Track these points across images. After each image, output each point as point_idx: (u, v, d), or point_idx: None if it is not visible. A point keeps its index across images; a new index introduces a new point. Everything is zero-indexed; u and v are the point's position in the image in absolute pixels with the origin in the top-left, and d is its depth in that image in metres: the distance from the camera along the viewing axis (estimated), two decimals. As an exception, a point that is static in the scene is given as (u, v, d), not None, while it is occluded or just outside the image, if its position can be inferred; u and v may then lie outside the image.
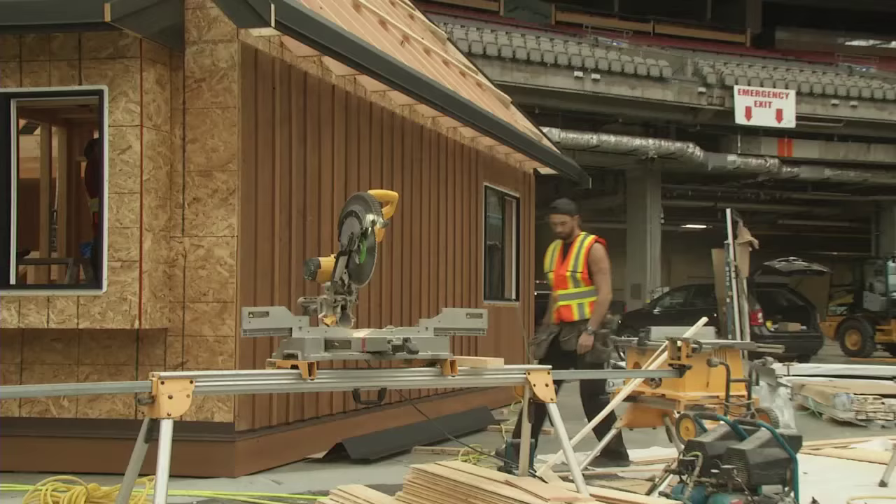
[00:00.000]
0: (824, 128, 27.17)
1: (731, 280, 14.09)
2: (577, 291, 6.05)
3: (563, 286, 6.04)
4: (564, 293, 6.05)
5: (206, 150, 5.80)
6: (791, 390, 9.18)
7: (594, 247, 6.02)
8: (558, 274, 6.06)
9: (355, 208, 3.90)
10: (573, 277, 6.02)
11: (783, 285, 19.12)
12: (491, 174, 10.28)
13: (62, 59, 5.66)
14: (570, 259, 6.02)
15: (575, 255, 6.02)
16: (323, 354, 3.59)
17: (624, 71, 24.95)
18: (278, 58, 6.26)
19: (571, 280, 6.03)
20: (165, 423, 3.21)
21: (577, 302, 6.04)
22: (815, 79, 27.68)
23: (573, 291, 6.03)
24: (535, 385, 4.06)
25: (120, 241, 5.57)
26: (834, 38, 33.33)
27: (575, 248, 6.05)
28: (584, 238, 6.09)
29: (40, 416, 5.87)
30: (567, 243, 6.11)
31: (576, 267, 5.99)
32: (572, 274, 6.01)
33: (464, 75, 10.69)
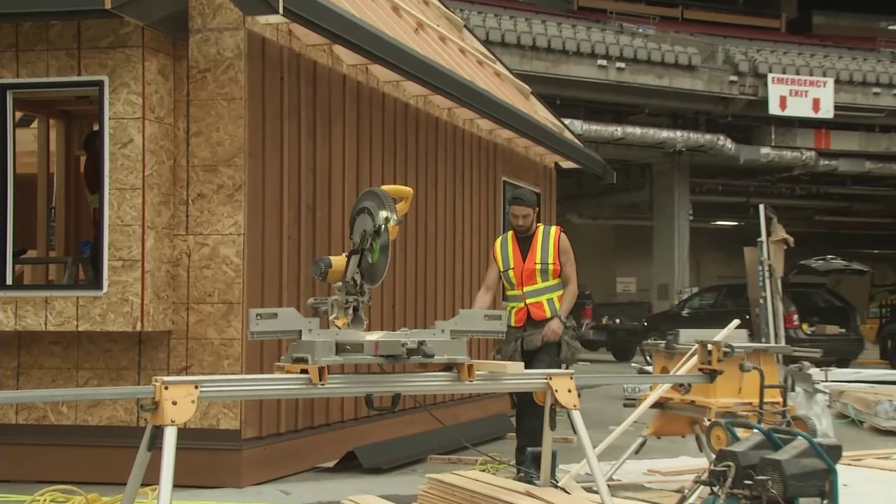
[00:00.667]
0: (865, 118, 26.97)
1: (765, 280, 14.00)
2: (546, 286, 5.83)
3: (530, 282, 5.81)
4: (532, 289, 5.80)
5: (210, 144, 5.82)
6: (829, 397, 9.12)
7: (562, 237, 5.90)
8: (525, 269, 5.81)
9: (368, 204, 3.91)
10: (544, 270, 5.80)
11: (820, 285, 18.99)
12: (510, 168, 10.26)
13: (60, 49, 5.70)
14: (535, 251, 5.83)
15: (541, 246, 5.84)
16: (334, 358, 3.60)
17: (650, 59, 24.86)
18: (286, 46, 6.27)
19: (541, 274, 5.80)
20: (169, 431, 3.23)
21: (547, 297, 5.81)
22: (855, 66, 27.46)
23: (542, 286, 5.82)
24: (558, 390, 4.05)
25: (121, 239, 5.60)
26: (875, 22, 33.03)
27: (539, 240, 5.84)
28: (547, 228, 5.91)
29: (38, 422, 5.91)
30: (523, 237, 5.91)
31: (546, 259, 5.80)
32: (543, 267, 5.79)
33: (481, 64, 10.68)
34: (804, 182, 30.06)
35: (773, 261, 13.87)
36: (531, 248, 5.86)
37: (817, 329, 17.27)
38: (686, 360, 5.47)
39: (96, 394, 4.53)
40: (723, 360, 4.84)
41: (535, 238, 5.88)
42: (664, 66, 25.01)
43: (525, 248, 5.88)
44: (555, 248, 5.84)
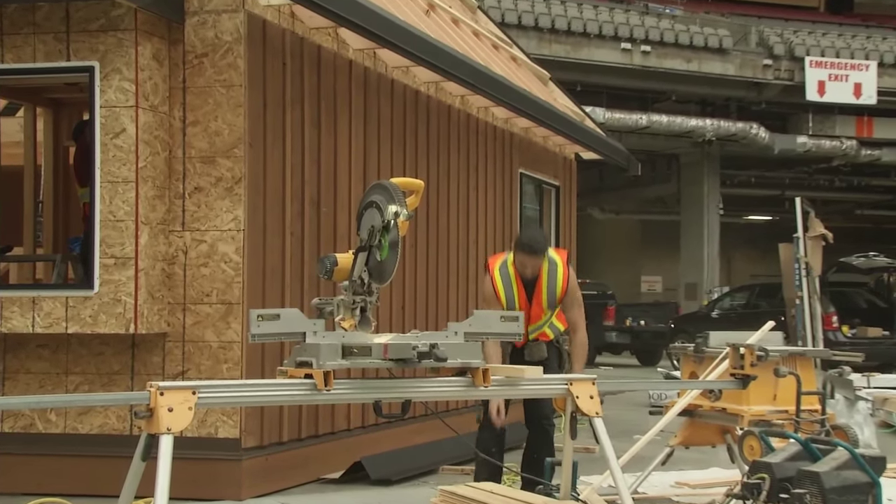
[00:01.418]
0: (910, 104, 26.81)
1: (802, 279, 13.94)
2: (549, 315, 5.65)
3: (536, 321, 5.57)
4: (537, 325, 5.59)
5: (208, 134, 5.84)
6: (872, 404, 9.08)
7: (571, 276, 5.55)
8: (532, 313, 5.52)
9: (376, 198, 3.91)
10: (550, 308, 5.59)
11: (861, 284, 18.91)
12: (527, 160, 10.25)
13: (48, 32, 5.73)
14: (541, 294, 5.52)
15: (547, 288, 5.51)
16: (340, 362, 3.61)
17: (678, 42, 24.78)
18: (289, 30, 6.28)
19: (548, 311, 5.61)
20: (165, 439, 3.25)
21: (549, 323, 5.65)
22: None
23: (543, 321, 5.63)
24: (579, 397, 4.05)
25: (113, 235, 5.62)
26: (922, 1, 32.82)
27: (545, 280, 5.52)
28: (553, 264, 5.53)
29: (24, 430, 5.95)
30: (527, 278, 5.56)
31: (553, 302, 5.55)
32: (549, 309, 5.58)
33: (497, 48, 10.67)
34: (844, 173, 29.91)
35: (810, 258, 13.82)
36: (537, 292, 5.52)
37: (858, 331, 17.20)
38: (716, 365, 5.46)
39: (87, 400, 4.55)
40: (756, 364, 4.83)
41: (539, 280, 5.51)
42: (693, 48, 24.93)
43: (530, 290, 5.52)
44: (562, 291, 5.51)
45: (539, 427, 5.60)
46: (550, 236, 11.22)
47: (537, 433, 5.62)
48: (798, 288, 13.65)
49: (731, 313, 19.57)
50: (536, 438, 5.63)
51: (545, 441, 5.57)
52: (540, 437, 5.60)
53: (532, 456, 5.60)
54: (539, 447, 5.57)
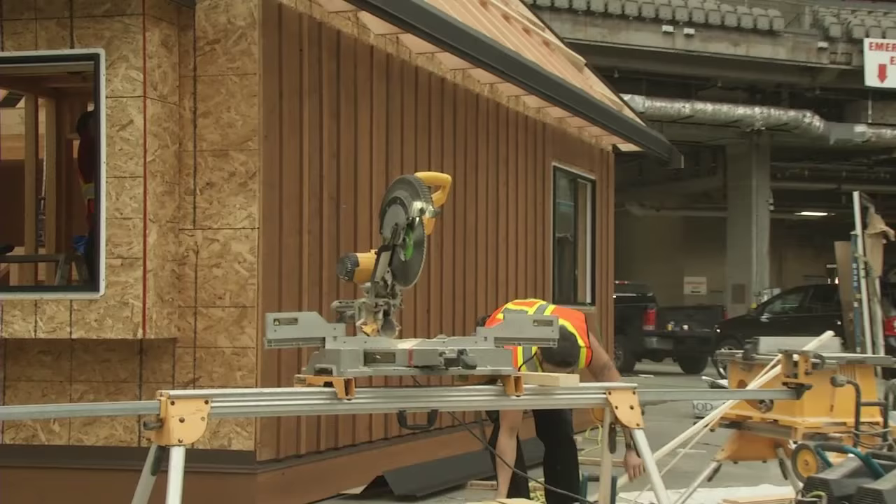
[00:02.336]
0: (980, 90, 26.50)
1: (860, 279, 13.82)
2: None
3: None
4: None
5: (221, 126, 5.88)
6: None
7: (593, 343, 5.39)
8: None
9: (400, 194, 3.92)
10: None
11: (925, 286, 18.71)
12: (561, 152, 10.24)
13: (50, 18, 5.79)
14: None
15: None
16: (362, 369, 3.62)
17: (724, 24, 24.64)
18: (306, 14, 6.31)
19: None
20: (176, 452, 3.26)
21: None
22: (969, 28, 27.00)
23: None
24: (618, 407, 4.04)
25: (120, 234, 5.67)
26: None
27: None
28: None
29: (26, 442, 6.01)
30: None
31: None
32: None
33: (528, 32, 10.67)
34: (906, 165, 29.63)
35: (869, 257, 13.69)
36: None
37: (922, 337, 17.02)
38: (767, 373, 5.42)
39: (93, 410, 4.58)
40: (811, 372, 4.79)
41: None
42: (741, 31, 24.77)
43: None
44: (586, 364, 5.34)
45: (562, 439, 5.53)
46: (586, 234, 11.20)
47: (560, 445, 5.55)
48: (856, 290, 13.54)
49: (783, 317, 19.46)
50: (558, 450, 5.55)
51: (569, 452, 5.50)
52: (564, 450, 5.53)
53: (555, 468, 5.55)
54: (563, 459, 5.53)
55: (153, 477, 3.38)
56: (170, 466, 3.26)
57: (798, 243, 34.02)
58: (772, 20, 25.14)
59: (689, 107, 24.57)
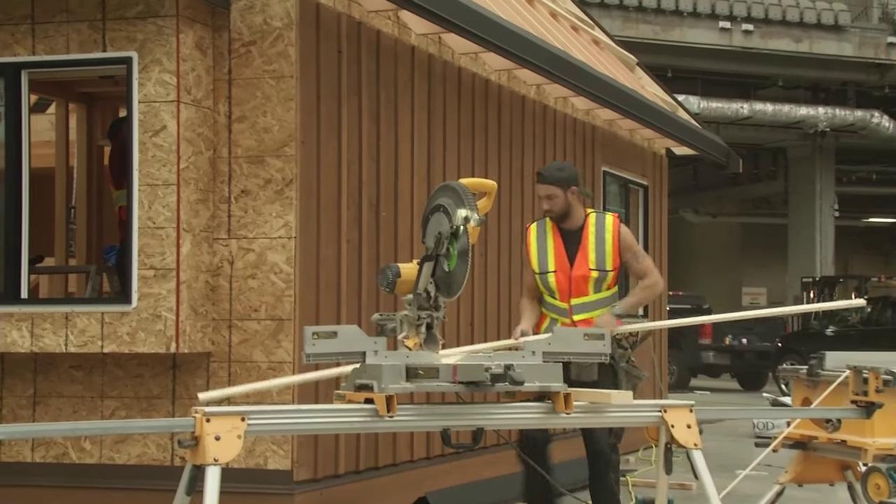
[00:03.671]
0: None
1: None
2: (601, 298, 5.34)
3: (579, 293, 5.33)
4: (582, 303, 5.35)
5: (256, 131, 5.93)
6: None
7: (623, 230, 5.36)
8: (574, 275, 5.29)
9: (443, 202, 3.93)
10: (600, 279, 5.30)
11: None
12: (611, 156, 10.19)
13: (82, 20, 5.87)
14: (587, 251, 5.30)
15: (595, 244, 5.32)
16: (404, 385, 3.63)
17: (786, 19, 24.43)
18: (345, 13, 6.35)
19: (594, 284, 5.33)
20: (212, 471, 3.30)
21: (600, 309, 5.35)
22: None
23: (595, 299, 5.33)
24: (675, 426, 4.02)
25: (152, 244, 5.74)
26: None
27: (592, 235, 5.33)
28: (601, 218, 5.38)
29: (57, 460, 6.09)
30: (568, 230, 5.38)
31: (603, 263, 5.28)
32: (600, 274, 5.30)
33: (576, 30, 10.65)
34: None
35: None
36: (582, 247, 5.33)
37: None
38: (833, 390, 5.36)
39: (126, 427, 4.63)
40: (883, 390, 4.73)
41: (585, 232, 5.38)
42: (803, 26, 24.54)
43: (573, 246, 5.35)
44: (614, 247, 5.34)
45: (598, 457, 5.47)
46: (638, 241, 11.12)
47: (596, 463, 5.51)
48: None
49: (850, 331, 19.20)
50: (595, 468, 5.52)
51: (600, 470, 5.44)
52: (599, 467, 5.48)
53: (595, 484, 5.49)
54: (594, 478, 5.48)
55: (188, 497, 3.41)
56: (205, 486, 3.29)
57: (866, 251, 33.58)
58: (837, 14, 24.88)
59: (748, 107, 24.37)
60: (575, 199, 5.45)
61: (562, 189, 5.44)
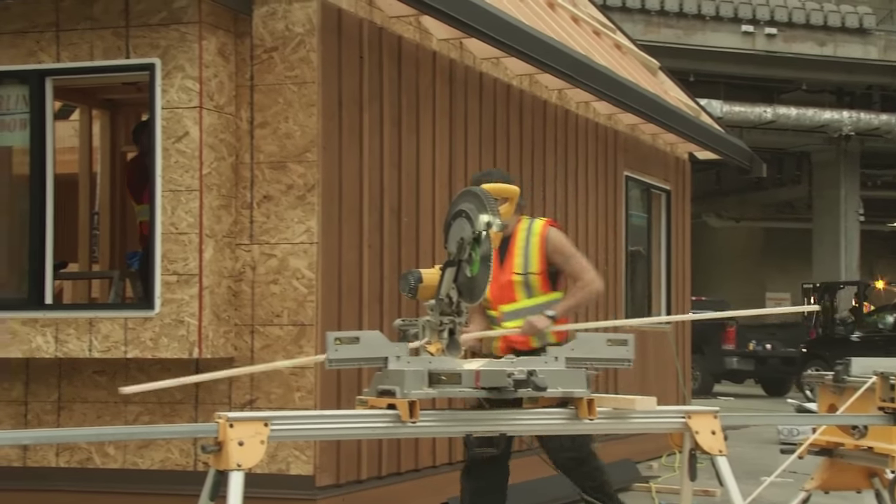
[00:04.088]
0: None
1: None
2: (531, 305, 5.20)
3: (508, 298, 5.22)
4: (511, 310, 5.23)
5: (278, 137, 5.96)
6: None
7: (551, 232, 5.23)
8: (501, 282, 5.15)
9: (465, 207, 3.93)
10: (525, 283, 5.20)
11: None
12: (633, 160, 10.18)
13: (106, 27, 5.92)
14: (513, 256, 5.19)
15: (523, 248, 5.22)
16: (427, 391, 3.63)
17: (809, 22, 24.32)
18: (366, 19, 6.38)
19: (523, 287, 5.22)
20: (235, 476, 3.31)
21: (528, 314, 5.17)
22: None
23: (525, 306, 5.22)
24: (699, 432, 4.00)
25: (175, 249, 5.77)
26: None
27: (520, 240, 5.23)
28: (530, 224, 5.26)
29: (81, 465, 6.13)
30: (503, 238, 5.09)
31: (527, 266, 5.19)
32: (524, 278, 5.19)
33: (598, 35, 10.64)
34: None
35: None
36: (508, 253, 5.21)
37: None
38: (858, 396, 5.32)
39: (151, 433, 4.65)
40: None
41: (514, 238, 5.24)
42: (827, 30, 24.42)
43: (503, 254, 5.19)
44: (540, 249, 5.20)
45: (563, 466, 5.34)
46: (660, 248, 11.11)
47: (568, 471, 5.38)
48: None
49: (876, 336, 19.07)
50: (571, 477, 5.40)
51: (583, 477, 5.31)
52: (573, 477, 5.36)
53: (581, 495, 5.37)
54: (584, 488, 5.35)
55: (211, 502, 3.43)
56: (229, 492, 3.30)
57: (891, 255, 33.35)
58: (861, 17, 24.74)
59: (771, 111, 24.27)
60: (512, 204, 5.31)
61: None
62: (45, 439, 5.58)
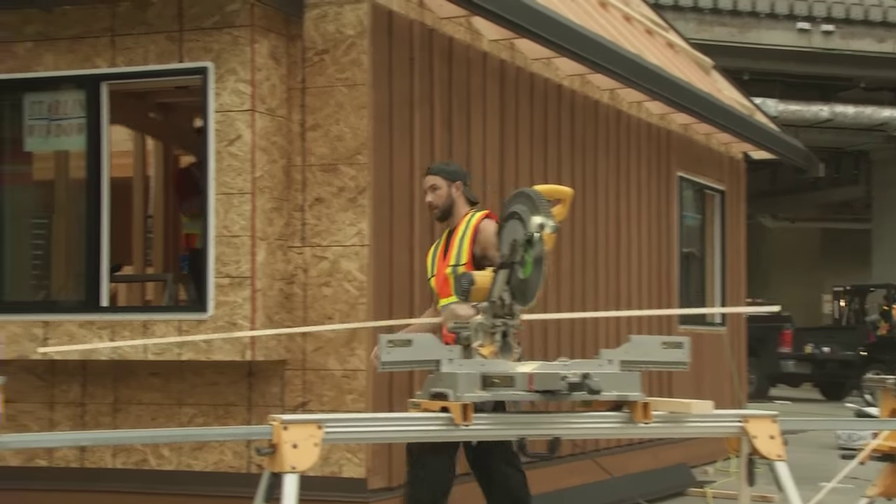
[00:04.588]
0: None
1: None
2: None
3: (445, 293, 5.03)
4: (446, 304, 5.02)
5: (329, 139, 5.99)
6: None
7: (484, 223, 5.02)
8: (440, 276, 5.07)
9: (518, 209, 3.93)
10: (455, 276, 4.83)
11: None
12: (687, 161, 10.10)
13: (160, 32, 6.00)
14: (451, 248, 5.05)
15: (459, 240, 5.04)
16: (480, 394, 3.63)
17: (868, 18, 23.93)
18: (417, 20, 6.39)
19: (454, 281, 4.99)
20: (290, 479, 3.33)
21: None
22: None
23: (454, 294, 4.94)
24: (757, 437, 3.96)
25: (228, 252, 5.82)
26: None
27: (459, 232, 5.07)
28: (471, 216, 5.09)
29: (137, 466, 6.21)
30: (451, 231, 5.12)
31: (459, 258, 5.00)
32: (453, 269, 5.00)
33: (650, 34, 10.57)
34: None
35: None
36: (450, 245, 5.08)
37: None
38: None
39: (206, 435, 4.70)
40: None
41: (456, 230, 5.10)
42: (886, 25, 24.02)
43: (447, 247, 5.11)
44: (470, 241, 5.01)
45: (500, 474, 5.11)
46: (714, 249, 11.01)
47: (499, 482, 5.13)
48: None
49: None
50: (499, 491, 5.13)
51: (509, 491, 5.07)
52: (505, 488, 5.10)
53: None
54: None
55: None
56: (283, 494, 3.32)
57: (952, 257, 32.69)
58: (921, 13, 24.31)
59: (828, 110, 23.93)
60: (459, 198, 5.13)
61: (446, 181, 5.10)
62: (102, 441, 5.66)
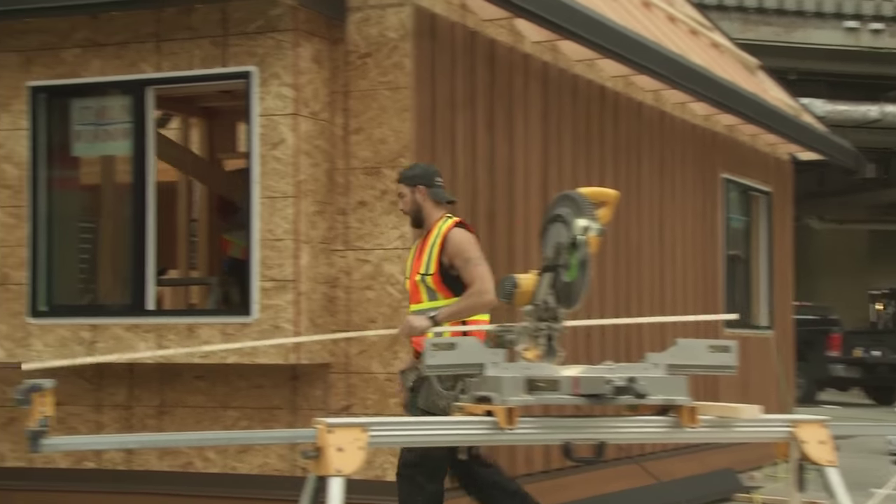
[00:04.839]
0: None
1: None
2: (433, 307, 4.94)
3: (416, 300, 5.02)
4: (418, 310, 5.00)
5: (372, 142, 6.01)
6: None
7: (452, 232, 4.97)
8: (410, 282, 5.07)
9: (562, 211, 3.93)
10: (425, 284, 4.96)
11: None
12: (732, 162, 10.02)
13: (204, 37, 6.05)
14: (422, 255, 5.02)
15: (429, 248, 5.00)
16: (525, 398, 3.62)
17: (917, 15, 23.60)
18: (459, 23, 6.40)
19: (424, 290, 4.98)
20: (335, 483, 3.34)
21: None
22: None
23: (427, 308, 4.96)
24: (807, 442, 3.92)
25: (272, 255, 5.86)
26: None
27: (430, 239, 5.03)
28: (442, 224, 5.04)
29: (182, 469, 6.27)
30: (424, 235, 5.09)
31: (428, 266, 4.96)
32: (422, 278, 4.97)
33: (695, 34, 10.50)
34: None
35: None
36: (422, 251, 5.05)
37: None
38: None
39: (251, 438, 4.73)
40: None
41: (428, 235, 5.07)
42: (936, 23, 23.69)
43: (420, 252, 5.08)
44: (439, 249, 4.94)
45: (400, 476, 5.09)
46: (760, 251, 10.90)
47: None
48: None
49: None
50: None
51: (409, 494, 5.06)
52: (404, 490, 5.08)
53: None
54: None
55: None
56: (328, 497, 3.34)
57: None
58: (972, 10, 23.95)
59: (877, 109, 23.63)
60: (425, 202, 5.07)
61: (409, 187, 5.07)
62: (149, 444, 5.71)
